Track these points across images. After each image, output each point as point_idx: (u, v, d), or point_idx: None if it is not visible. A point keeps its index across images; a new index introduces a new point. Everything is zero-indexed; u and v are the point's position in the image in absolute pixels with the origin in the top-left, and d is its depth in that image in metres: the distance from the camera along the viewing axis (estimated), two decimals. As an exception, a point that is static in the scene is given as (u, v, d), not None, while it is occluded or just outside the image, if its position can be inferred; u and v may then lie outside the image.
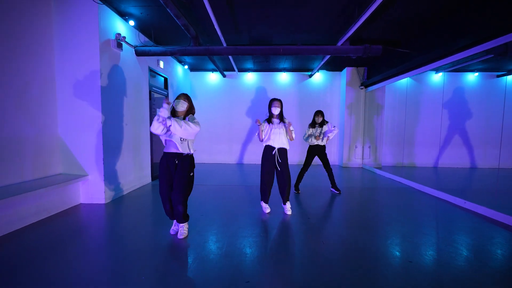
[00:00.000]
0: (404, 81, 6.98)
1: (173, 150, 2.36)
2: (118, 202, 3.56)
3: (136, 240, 2.39)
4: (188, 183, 2.38)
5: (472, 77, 6.96)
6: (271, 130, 3.10)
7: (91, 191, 3.49)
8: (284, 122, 3.15)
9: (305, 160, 4.13)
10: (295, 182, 4.19)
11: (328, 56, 5.39)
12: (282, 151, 3.12)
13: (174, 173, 2.36)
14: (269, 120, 3.18)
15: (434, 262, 2.04)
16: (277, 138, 3.08)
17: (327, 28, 4.21)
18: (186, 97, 2.45)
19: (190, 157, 2.42)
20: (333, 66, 6.87)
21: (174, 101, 2.42)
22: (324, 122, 4.04)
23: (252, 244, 2.32)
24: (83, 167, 3.48)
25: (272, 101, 3.12)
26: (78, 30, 3.33)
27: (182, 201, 2.34)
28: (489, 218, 3.06)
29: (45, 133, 3.28)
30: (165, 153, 2.40)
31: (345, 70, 6.97)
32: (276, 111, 3.10)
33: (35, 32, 3.10)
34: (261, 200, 3.24)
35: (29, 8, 3.02)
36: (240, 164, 7.28)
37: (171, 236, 2.45)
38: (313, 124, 4.07)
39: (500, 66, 6.65)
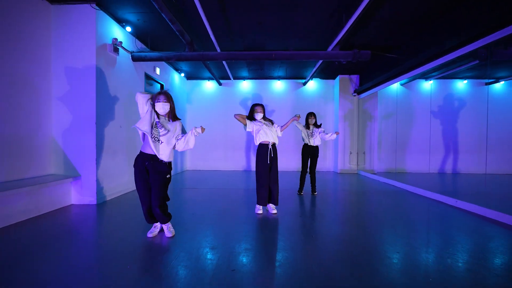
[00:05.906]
0: (395, 89, 7.16)
1: (149, 152, 2.17)
2: (110, 203, 3.53)
3: (125, 240, 2.30)
4: (164, 184, 2.22)
5: (461, 85, 7.16)
6: (262, 125, 3.10)
7: (83, 192, 3.47)
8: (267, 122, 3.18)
9: (302, 161, 4.18)
10: (298, 187, 4.27)
11: (319, 63, 5.54)
12: (275, 147, 3.15)
13: (148, 175, 2.20)
14: (250, 118, 3.15)
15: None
16: (270, 133, 3.09)
17: (318, 34, 4.37)
18: (166, 96, 2.21)
19: (166, 163, 2.22)
20: (326, 74, 7.05)
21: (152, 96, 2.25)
22: (317, 125, 4.15)
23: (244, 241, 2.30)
24: (76, 168, 3.48)
25: (254, 107, 3.15)
26: (76, 34, 3.44)
27: (159, 204, 2.20)
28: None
29: (39, 134, 3.30)
30: (141, 152, 2.22)
31: (338, 78, 7.15)
32: (258, 116, 3.13)
33: (33, 33, 3.20)
34: (257, 204, 3.12)
35: (28, 11, 3.13)
36: (235, 171, 7.26)
37: (148, 239, 2.28)
38: (307, 126, 4.16)
39: (487, 73, 6.85)
